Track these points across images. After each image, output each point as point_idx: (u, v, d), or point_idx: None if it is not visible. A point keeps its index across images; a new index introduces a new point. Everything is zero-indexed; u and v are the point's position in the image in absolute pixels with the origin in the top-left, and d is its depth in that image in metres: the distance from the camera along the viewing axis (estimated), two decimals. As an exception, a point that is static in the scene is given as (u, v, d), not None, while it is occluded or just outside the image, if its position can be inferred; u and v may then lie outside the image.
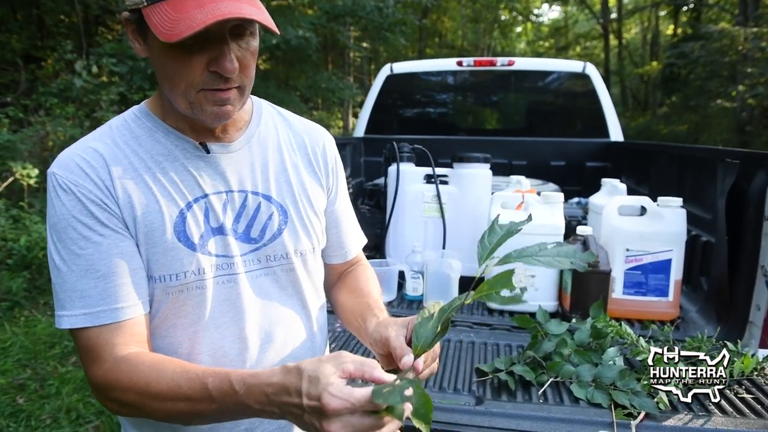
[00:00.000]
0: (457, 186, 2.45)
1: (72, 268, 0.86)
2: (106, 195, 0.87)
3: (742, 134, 13.80)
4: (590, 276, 1.90)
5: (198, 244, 0.92)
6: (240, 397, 0.77)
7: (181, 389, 0.80)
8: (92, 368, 0.87)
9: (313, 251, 1.09)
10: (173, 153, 0.94)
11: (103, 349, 0.86)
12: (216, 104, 0.88)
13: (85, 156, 0.89)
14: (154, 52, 0.87)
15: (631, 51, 25.19)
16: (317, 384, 0.72)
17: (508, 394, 1.45)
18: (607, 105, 4.02)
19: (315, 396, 0.71)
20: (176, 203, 0.92)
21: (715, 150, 2.22)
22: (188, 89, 0.86)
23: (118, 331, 0.87)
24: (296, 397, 0.73)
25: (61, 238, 0.87)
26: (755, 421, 1.30)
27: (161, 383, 0.81)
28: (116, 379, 0.84)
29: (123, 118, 0.97)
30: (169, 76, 0.86)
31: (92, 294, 0.86)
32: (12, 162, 5.70)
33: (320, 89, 12.75)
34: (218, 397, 0.79)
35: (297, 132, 1.11)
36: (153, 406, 0.83)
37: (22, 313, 4.35)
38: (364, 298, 1.13)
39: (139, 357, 0.86)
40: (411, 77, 4.40)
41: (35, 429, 2.85)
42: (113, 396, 0.86)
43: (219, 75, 0.85)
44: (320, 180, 1.12)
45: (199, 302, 0.93)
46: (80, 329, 0.86)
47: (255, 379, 0.77)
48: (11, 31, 9.01)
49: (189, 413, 0.82)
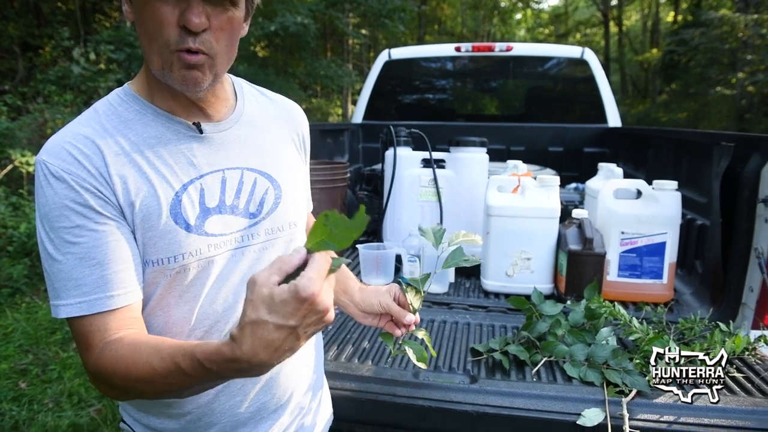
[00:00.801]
0: (453, 170, 2.46)
1: (67, 256, 0.85)
2: (100, 182, 0.87)
3: (742, 122, 13.79)
4: (585, 258, 1.92)
5: (194, 225, 0.93)
6: (215, 373, 0.74)
7: (156, 371, 0.79)
8: (85, 355, 0.87)
9: (302, 222, 1.12)
10: (165, 135, 0.94)
11: (95, 336, 0.86)
12: (184, 67, 0.87)
13: (77, 143, 0.88)
14: (136, 10, 0.87)
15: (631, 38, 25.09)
16: (285, 303, 0.67)
17: (502, 373, 1.47)
18: (605, 91, 4.01)
19: (293, 309, 0.67)
20: (171, 186, 0.92)
21: (710, 134, 2.23)
22: (162, 48, 0.86)
23: (111, 317, 0.87)
24: (279, 333, 0.68)
25: (53, 227, 0.86)
26: (745, 398, 1.32)
27: (138, 367, 0.81)
28: (102, 365, 0.85)
29: (108, 102, 0.96)
30: (146, 34, 0.87)
31: (88, 282, 0.86)
32: (11, 149, 5.71)
33: (319, 76, 12.72)
34: (194, 374, 0.76)
35: (279, 108, 1.14)
36: (138, 388, 0.83)
37: (23, 300, 4.38)
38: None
39: (121, 341, 0.85)
40: (409, 63, 4.39)
41: (38, 413, 2.88)
42: (104, 381, 0.86)
43: (188, 32, 0.85)
44: (301, 155, 1.17)
45: (197, 282, 0.94)
46: (75, 318, 0.86)
47: (219, 356, 0.71)
48: (8, 19, 8.95)
49: (172, 390, 0.82)
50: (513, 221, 2.05)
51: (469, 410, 1.33)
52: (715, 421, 1.24)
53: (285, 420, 1.08)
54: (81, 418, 2.83)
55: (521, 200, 2.07)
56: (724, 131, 2.10)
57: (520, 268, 2.06)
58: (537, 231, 2.04)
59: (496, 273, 2.10)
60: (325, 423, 1.23)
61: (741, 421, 1.24)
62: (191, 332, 0.96)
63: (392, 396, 1.37)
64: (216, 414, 0.99)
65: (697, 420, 1.25)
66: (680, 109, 16.69)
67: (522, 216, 2.04)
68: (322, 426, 1.21)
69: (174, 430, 1.00)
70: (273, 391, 1.03)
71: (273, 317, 0.67)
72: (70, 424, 2.78)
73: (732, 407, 1.28)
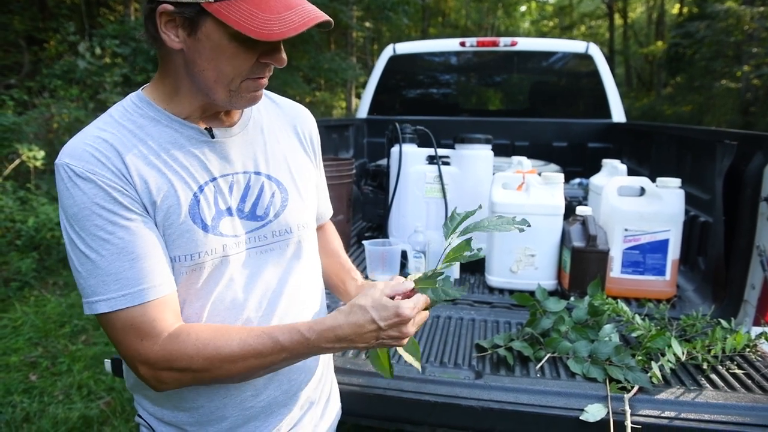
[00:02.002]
0: (458, 167, 2.48)
1: (102, 253, 0.88)
2: (124, 182, 0.90)
3: (747, 115, 13.73)
4: (589, 255, 1.94)
5: (211, 225, 0.96)
6: (311, 342, 0.92)
7: (252, 347, 0.90)
8: (143, 345, 0.89)
9: (311, 224, 1.16)
10: (179, 140, 0.97)
11: (153, 325, 0.89)
12: (254, 91, 0.95)
13: (96, 146, 0.91)
14: (206, 45, 0.89)
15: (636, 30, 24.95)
16: (386, 308, 0.92)
17: (506, 369, 1.50)
18: (609, 86, 4.02)
19: (390, 316, 0.92)
20: (189, 186, 0.95)
21: (713, 131, 2.25)
22: (235, 79, 0.92)
23: (162, 306, 0.91)
24: (371, 326, 0.92)
25: (84, 227, 0.88)
26: (744, 395, 1.35)
27: (232, 345, 0.90)
28: (178, 349, 0.89)
29: (123, 107, 0.98)
30: (219, 68, 0.90)
31: (129, 275, 0.88)
32: (18, 144, 5.74)
33: (323, 70, 12.71)
34: (290, 347, 0.92)
35: (286, 113, 1.18)
36: (223, 368, 0.90)
37: (31, 293, 4.42)
38: (335, 258, 1.35)
39: (193, 328, 0.92)
40: (414, 58, 4.40)
41: (48, 405, 2.93)
42: (176, 366, 0.89)
43: (266, 65, 0.93)
44: (310, 158, 1.19)
45: (210, 280, 0.98)
46: (119, 311, 0.88)
47: (321, 325, 0.93)
48: (13, 12, 8.97)
49: (257, 367, 0.93)
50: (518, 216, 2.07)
51: (474, 405, 1.36)
52: (716, 417, 1.27)
53: (295, 414, 1.11)
54: (91, 410, 2.87)
55: (526, 197, 2.09)
56: (728, 129, 2.11)
57: (525, 265, 2.09)
58: (541, 228, 2.06)
59: (501, 269, 2.12)
60: (334, 417, 1.27)
61: (741, 417, 1.26)
62: None
63: (399, 391, 1.40)
64: (228, 408, 1.03)
65: (698, 416, 1.27)
66: (685, 102, 16.62)
67: (526, 213, 2.06)
68: (331, 420, 1.24)
69: (187, 423, 1.03)
70: (283, 386, 1.07)
71: (373, 312, 0.92)
72: (80, 416, 2.82)
73: (732, 403, 1.31)
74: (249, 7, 0.85)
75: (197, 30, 0.88)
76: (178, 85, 0.96)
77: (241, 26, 0.84)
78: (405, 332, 0.94)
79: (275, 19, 0.85)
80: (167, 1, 0.87)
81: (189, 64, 0.92)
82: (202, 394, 1.01)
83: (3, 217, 5.02)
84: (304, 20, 0.86)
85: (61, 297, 4.38)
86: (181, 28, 0.89)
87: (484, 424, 1.36)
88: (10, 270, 4.61)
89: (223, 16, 0.85)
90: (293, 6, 0.87)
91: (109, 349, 3.53)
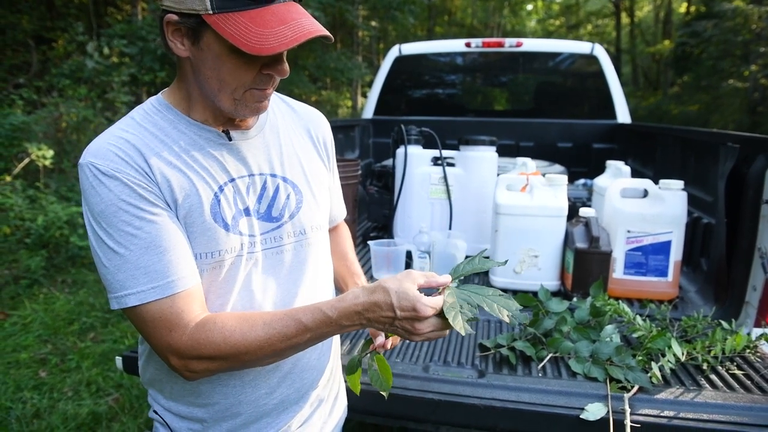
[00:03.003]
0: (463, 168, 2.51)
1: (131, 248, 0.91)
2: (148, 180, 0.93)
3: (754, 115, 13.67)
4: (592, 256, 1.96)
5: (231, 224, 1.00)
6: (334, 320, 0.93)
7: (277, 331, 0.92)
8: (172, 336, 0.93)
9: (325, 226, 1.19)
10: (198, 142, 1.00)
11: (181, 317, 0.92)
12: (258, 101, 0.97)
13: (119, 146, 0.94)
14: (208, 55, 0.92)
15: (643, 29, 24.84)
16: (407, 297, 0.90)
17: (509, 369, 1.53)
18: (614, 86, 4.03)
19: (409, 307, 0.90)
20: (210, 186, 0.99)
21: (716, 133, 2.26)
22: (238, 89, 0.94)
23: (189, 298, 0.94)
24: (388, 311, 0.91)
25: (111, 223, 0.91)
26: (743, 395, 1.37)
27: (257, 331, 0.92)
28: (206, 338, 0.92)
29: (143, 110, 1.02)
30: (221, 78, 0.93)
31: (157, 268, 0.91)
32: (27, 143, 5.80)
33: (329, 69, 12.73)
34: (313, 326, 0.93)
35: (301, 117, 1.20)
36: (250, 352, 0.93)
37: (41, 291, 4.48)
38: (343, 260, 1.37)
39: (218, 317, 0.95)
40: (419, 58, 4.42)
41: (58, 401, 2.97)
42: (204, 354, 0.93)
43: (270, 76, 0.95)
44: (324, 161, 1.22)
45: (229, 278, 1.01)
46: (148, 303, 0.91)
47: (343, 303, 0.93)
48: (21, 12, 9.04)
49: (283, 349, 0.95)
50: (521, 219, 2.10)
51: (477, 404, 1.38)
52: (714, 417, 1.29)
53: (305, 411, 1.15)
54: (100, 407, 2.91)
55: (529, 199, 2.11)
56: (731, 132, 2.12)
57: (528, 266, 2.11)
58: (545, 229, 2.08)
59: (504, 270, 2.15)
60: (341, 414, 1.30)
61: (739, 417, 1.28)
62: None
63: (403, 389, 1.43)
64: (243, 405, 1.06)
65: (696, 416, 1.30)
66: (692, 102, 16.56)
67: (530, 214, 2.09)
68: (338, 417, 1.28)
69: (202, 418, 1.06)
70: (296, 384, 1.10)
71: (393, 297, 0.90)
72: (90, 413, 2.86)
73: (731, 403, 1.33)
74: (245, 20, 0.87)
75: (200, 40, 0.92)
76: (191, 91, 0.99)
77: (235, 39, 0.87)
78: (418, 329, 0.92)
79: (269, 33, 0.87)
80: (173, 11, 0.90)
81: (196, 71, 0.96)
82: (217, 390, 1.05)
83: (13, 216, 5.08)
84: (296, 35, 0.88)
85: (69, 295, 4.43)
86: (185, 37, 0.93)
87: (487, 422, 1.38)
88: (20, 268, 4.66)
89: (219, 28, 0.88)
90: (288, 21, 0.89)
91: (118, 347, 3.58)
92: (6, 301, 4.26)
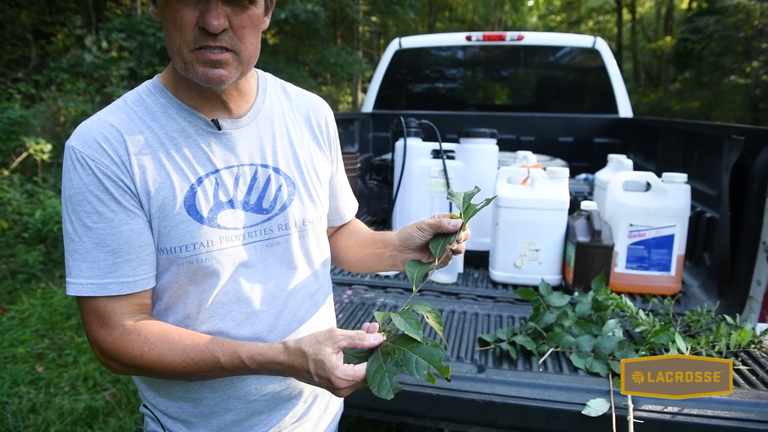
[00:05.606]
0: (463, 161, 2.48)
1: (83, 239, 0.92)
2: (122, 171, 0.92)
3: (755, 111, 13.63)
4: (593, 250, 1.93)
5: (207, 217, 0.97)
6: (251, 370, 0.92)
7: (193, 361, 0.91)
8: (100, 332, 0.94)
9: (320, 219, 1.14)
10: (186, 130, 0.98)
11: (112, 318, 0.94)
12: (206, 65, 0.90)
13: (103, 131, 0.93)
14: (161, 13, 0.91)
15: (644, 25, 24.78)
16: (323, 367, 0.86)
17: (509, 363, 1.50)
18: (616, 81, 4.00)
19: (324, 377, 0.87)
20: (188, 178, 0.96)
21: (720, 126, 2.23)
22: (182, 47, 0.90)
23: (125, 301, 0.94)
24: (306, 375, 0.89)
25: (75, 210, 0.92)
26: (748, 391, 1.34)
27: (174, 355, 0.92)
28: (126, 347, 0.93)
29: (138, 93, 1.00)
30: (168, 35, 0.91)
31: (101, 266, 0.92)
32: (25, 137, 5.77)
33: (329, 64, 12.68)
34: (230, 368, 0.92)
35: (300, 105, 1.15)
36: (165, 373, 0.94)
37: (38, 285, 4.46)
38: (370, 234, 1.26)
39: (147, 328, 0.94)
40: (420, 52, 4.39)
41: (54, 396, 2.95)
42: (121, 360, 0.94)
43: (207, 32, 0.87)
44: (324, 151, 1.17)
45: (209, 272, 0.98)
46: (87, 297, 0.93)
47: (262, 357, 0.90)
48: (20, 6, 9.00)
49: (198, 378, 0.95)
50: (522, 213, 2.07)
51: (477, 399, 1.36)
52: (718, 413, 1.26)
53: (299, 408, 1.12)
54: (96, 402, 2.90)
55: (530, 192, 2.09)
56: (735, 124, 2.09)
57: (529, 259, 2.09)
58: (546, 222, 2.05)
59: (505, 264, 2.12)
60: (337, 410, 1.27)
61: (743, 413, 1.26)
62: (207, 320, 0.99)
63: (401, 384, 1.40)
64: (232, 400, 1.03)
65: (700, 411, 1.27)
66: (693, 98, 16.50)
67: (531, 208, 2.06)
68: (334, 413, 1.25)
69: (191, 414, 1.04)
70: (287, 380, 1.07)
71: (310, 364, 0.87)
72: (86, 407, 2.84)
73: (735, 399, 1.30)
74: None
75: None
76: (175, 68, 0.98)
77: None
78: (337, 392, 0.89)
79: None
80: None
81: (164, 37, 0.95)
82: (205, 385, 1.02)
83: (10, 210, 5.06)
84: None
85: (67, 289, 4.41)
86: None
87: (487, 418, 1.36)
88: (18, 262, 4.64)
89: None
90: None
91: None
92: (3, 296, 4.24)
